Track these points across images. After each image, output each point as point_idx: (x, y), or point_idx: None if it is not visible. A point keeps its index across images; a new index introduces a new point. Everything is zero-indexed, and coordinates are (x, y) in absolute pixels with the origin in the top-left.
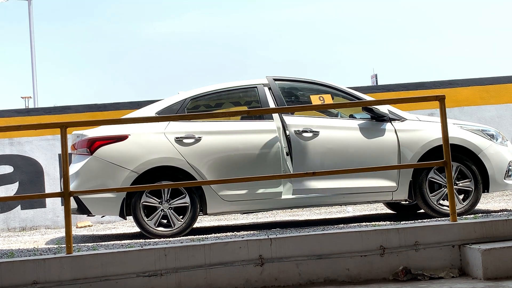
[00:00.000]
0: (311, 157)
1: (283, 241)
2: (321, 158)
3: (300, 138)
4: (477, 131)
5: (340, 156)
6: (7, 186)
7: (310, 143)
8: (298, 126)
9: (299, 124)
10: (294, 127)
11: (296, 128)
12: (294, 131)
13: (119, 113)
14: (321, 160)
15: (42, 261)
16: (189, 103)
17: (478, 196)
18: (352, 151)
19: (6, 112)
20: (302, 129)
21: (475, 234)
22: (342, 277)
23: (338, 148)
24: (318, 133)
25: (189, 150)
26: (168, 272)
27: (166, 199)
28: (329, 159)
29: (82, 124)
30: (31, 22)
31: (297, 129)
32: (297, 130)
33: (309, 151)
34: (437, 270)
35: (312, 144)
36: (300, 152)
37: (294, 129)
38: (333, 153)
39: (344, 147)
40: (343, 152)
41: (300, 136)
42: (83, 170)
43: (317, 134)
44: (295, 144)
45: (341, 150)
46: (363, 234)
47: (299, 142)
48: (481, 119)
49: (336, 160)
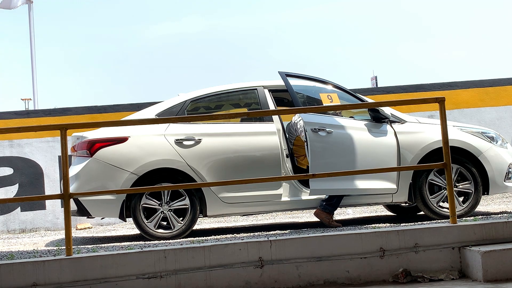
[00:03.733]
0: (325, 155)
1: (283, 243)
2: (334, 157)
3: (317, 136)
4: (477, 133)
5: (348, 156)
6: (7, 188)
7: (325, 142)
8: (314, 124)
9: (315, 122)
10: (311, 125)
11: (313, 126)
12: (310, 129)
13: (119, 115)
14: (334, 159)
15: (42, 263)
16: (189, 105)
17: (478, 198)
18: (356, 152)
19: (6, 114)
20: (319, 127)
21: (475, 236)
22: (342, 279)
23: (348, 148)
24: (332, 132)
25: (189, 152)
26: (167, 274)
27: (166, 201)
28: (339, 158)
29: (82, 126)
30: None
31: (313, 127)
32: (313, 128)
33: (323, 150)
34: (437, 272)
35: (326, 143)
36: (317, 149)
37: (311, 127)
38: (344, 153)
39: (353, 147)
40: (351, 152)
41: (316, 134)
42: (83, 172)
43: (331, 133)
44: (312, 141)
45: (350, 150)
46: (363, 236)
47: (317, 140)
48: (481, 121)
49: (345, 160)
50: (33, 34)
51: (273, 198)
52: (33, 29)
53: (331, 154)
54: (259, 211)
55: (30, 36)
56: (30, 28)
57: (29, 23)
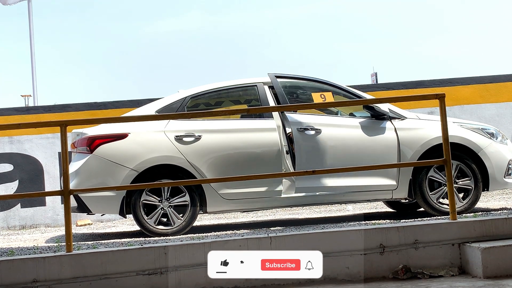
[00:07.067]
0: (313, 155)
1: (283, 239)
2: (323, 156)
3: (303, 136)
4: (477, 129)
5: (341, 154)
6: (7, 184)
7: (313, 141)
8: (300, 124)
9: (302, 122)
10: (297, 124)
11: (299, 126)
12: (296, 129)
13: (119, 111)
14: (323, 158)
15: (42, 259)
16: (189, 102)
17: (478, 195)
18: (352, 149)
19: (6, 110)
20: (305, 126)
21: (475, 232)
22: (342, 275)
23: (340, 146)
24: (320, 131)
25: (189, 149)
26: (168, 271)
27: (166, 198)
28: (330, 157)
29: (82, 123)
30: (30, 20)
31: (299, 127)
32: (299, 127)
33: (311, 149)
34: (437, 269)
35: (314, 142)
36: (302, 150)
37: (296, 127)
38: (335, 151)
39: (345, 145)
40: (344, 151)
41: (302, 134)
42: (83, 168)
43: (320, 132)
44: (297, 141)
45: (343, 149)
46: (363, 233)
47: (302, 140)
48: (481, 117)
49: (337, 158)
50: (32, 30)
51: (273, 195)
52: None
53: (319, 153)
54: (259, 207)
55: (30, 32)
56: (30, 24)
57: (29, 20)
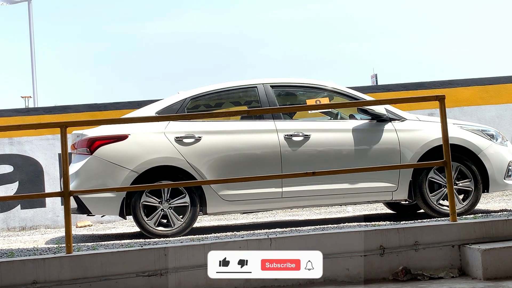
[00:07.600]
0: (304, 160)
1: (283, 241)
2: (315, 161)
3: (290, 142)
4: (477, 131)
5: (337, 157)
6: (7, 186)
7: (301, 146)
8: (289, 130)
9: (291, 129)
10: (285, 131)
11: (287, 133)
12: (283, 136)
13: (119, 112)
14: (317, 162)
15: (42, 260)
16: (189, 103)
17: (478, 196)
18: (350, 151)
19: (6, 111)
20: (293, 133)
21: (475, 234)
22: (342, 277)
23: (332, 150)
24: (309, 136)
25: (189, 150)
26: (168, 272)
27: (166, 199)
28: (324, 161)
29: (82, 124)
30: (30, 22)
31: (287, 134)
32: (287, 134)
33: (301, 155)
34: (437, 270)
35: (303, 147)
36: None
37: (284, 134)
38: (327, 155)
39: (341, 148)
40: (341, 153)
41: (289, 140)
42: (83, 169)
43: (308, 137)
44: (283, 148)
45: (337, 152)
46: (363, 234)
47: (289, 145)
48: (481, 119)
49: (334, 161)
50: (32, 31)
51: (273, 196)
52: (32, 26)
53: (307, 158)
54: (259, 209)
55: (30, 33)
56: (30, 25)
57: (29, 20)
